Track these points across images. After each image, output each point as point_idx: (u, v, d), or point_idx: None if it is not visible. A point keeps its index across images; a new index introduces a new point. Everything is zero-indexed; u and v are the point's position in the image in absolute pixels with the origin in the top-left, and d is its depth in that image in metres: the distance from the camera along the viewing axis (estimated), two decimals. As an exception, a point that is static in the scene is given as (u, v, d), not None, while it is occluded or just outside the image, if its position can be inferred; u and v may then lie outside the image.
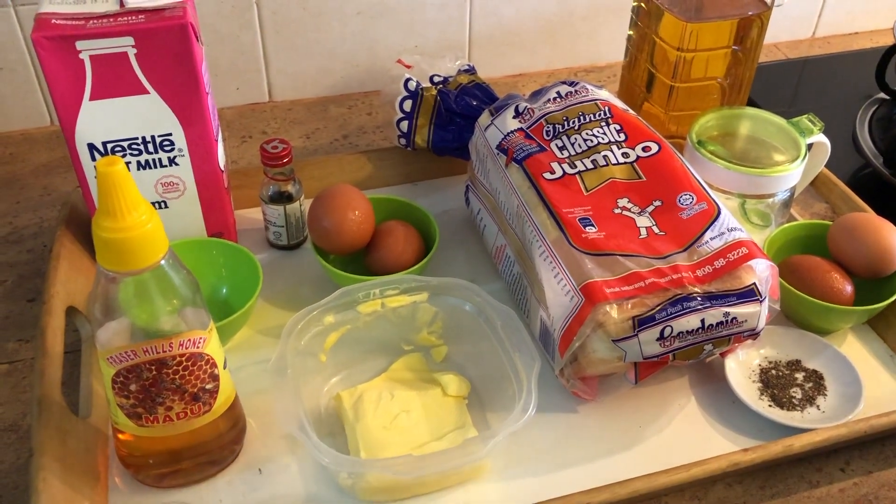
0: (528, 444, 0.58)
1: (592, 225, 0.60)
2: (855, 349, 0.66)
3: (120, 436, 0.54)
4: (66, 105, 0.60)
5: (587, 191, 0.63)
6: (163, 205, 0.67)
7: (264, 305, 0.68)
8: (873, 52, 0.97)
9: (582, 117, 0.67)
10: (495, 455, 0.57)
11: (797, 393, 0.62)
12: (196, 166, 0.66)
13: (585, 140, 0.65)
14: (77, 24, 0.57)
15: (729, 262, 0.57)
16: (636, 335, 0.55)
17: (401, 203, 0.73)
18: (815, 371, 0.64)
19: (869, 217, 0.69)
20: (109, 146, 0.63)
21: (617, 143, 0.65)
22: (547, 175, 0.63)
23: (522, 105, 0.69)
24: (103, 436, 0.58)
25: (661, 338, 0.56)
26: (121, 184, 0.43)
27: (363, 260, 0.70)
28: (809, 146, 0.72)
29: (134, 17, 0.58)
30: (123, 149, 0.63)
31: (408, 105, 0.77)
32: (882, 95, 0.94)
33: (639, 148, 0.65)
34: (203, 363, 0.51)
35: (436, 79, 0.79)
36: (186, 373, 0.50)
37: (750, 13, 0.75)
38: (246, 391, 0.59)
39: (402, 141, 0.79)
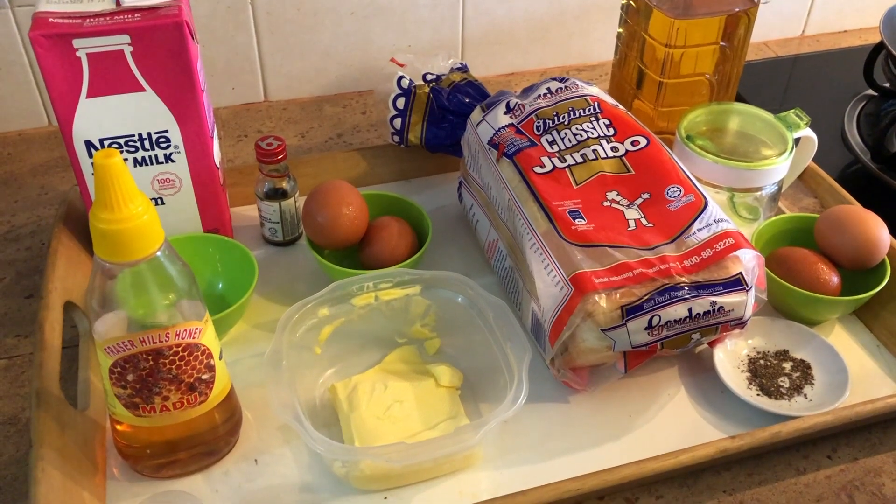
0: (520, 434, 0.59)
1: (582, 217, 0.61)
2: (842, 339, 0.67)
3: (118, 426, 0.55)
4: (63, 103, 0.61)
5: (577, 184, 0.64)
6: (159, 201, 0.68)
7: (260, 300, 0.69)
8: (861, 50, 0.98)
9: (572, 112, 0.68)
10: (487, 444, 0.58)
11: (785, 382, 0.63)
12: (192, 163, 0.67)
13: (575, 135, 0.66)
14: (74, 23, 0.58)
15: (716, 253, 0.58)
16: (625, 324, 0.56)
17: (394, 199, 0.74)
18: (802, 360, 0.65)
19: (855, 209, 0.70)
20: (106, 143, 0.63)
21: (606, 137, 0.66)
22: (537, 169, 0.64)
23: (513, 101, 0.70)
24: (101, 428, 0.58)
25: (650, 327, 0.57)
26: (118, 176, 0.44)
27: (358, 255, 0.70)
28: (797, 140, 0.73)
29: (130, 16, 0.59)
30: (120, 146, 0.64)
31: (401, 103, 0.78)
32: (870, 92, 0.95)
33: (627, 142, 0.66)
34: (199, 353, 0.52)
35: (428, 77, 0.80)
36: (183, 363, 0.51)
37: (737, 9, 0.76)
38: (242, 384, 0.60)
39: (396, 138, 0.80)
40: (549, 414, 0.61)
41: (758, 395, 0.62)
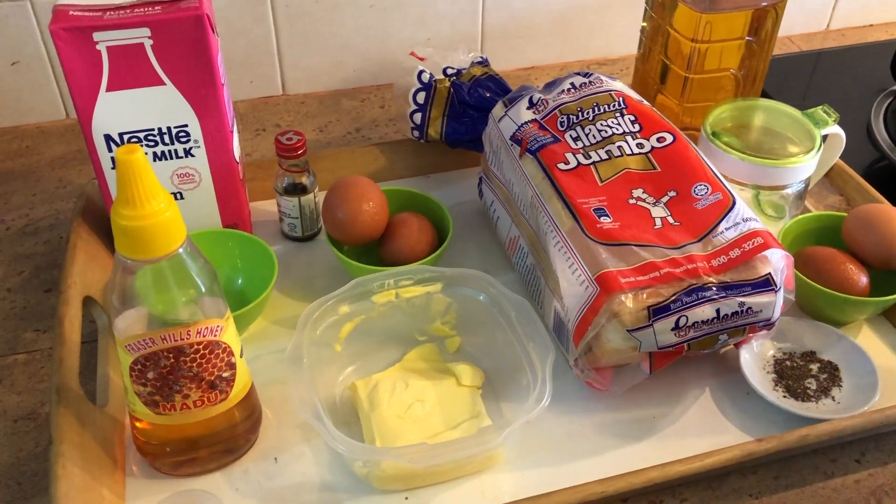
0: (543, 434, 0.59)
1: (607, 215, 0.60)
2: (870, 340, 0.66)
3: (137, 424, 0.54)
4: (82, 96, 0.60)
5: (602, 181, 0.63)
6: (179, 196, 0.67)
7: (279, 296, 0.68)
8: (888, 45, 0.97)
9: (596, 108, 0.67)
10: (510, 445, 0.57)
11: (812, 384, 0.62)
12: (211, 158, 0.66)
13: (600, 131, 0.65)
14: (94, 16, 0.58)
15: (744, 252, 0.57)
16: (651, 325, 0.55)
17: (414, 195, 0.73)
18: (829, 362, 0.63)
19: (884, 208, 0.68)
20: (126, 137, 0.63)
21: (631, 133, 0.65)
22: (561, 166, 0.63)
23: (536, 96, 0.69)
24: (120, 424, 0.58)
25: (676, 328, 0.56)
26: (140, 172, 0.44)
27: (377, 251, 0.70)
28: (824, 137, 0.72)
29: (150, 9, 0.59)
30: (140, 140, 0.63)
31: (421, 97, 0.77)
32: (897, 87, 0.94)
33: (653, 138, 0.65)
34: (220, 351, 0.51)
35: (449, 71, 0.79)
36: (203, 361, 0.51)
37: (764, 4, 0.75)
38: (262, 381, 0.59)
39: (416, 133, 0.79)
40: (571, 414, 0.60)
41: (784, 396, 0.61)
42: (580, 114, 0.67)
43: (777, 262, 0.58)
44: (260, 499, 0.55)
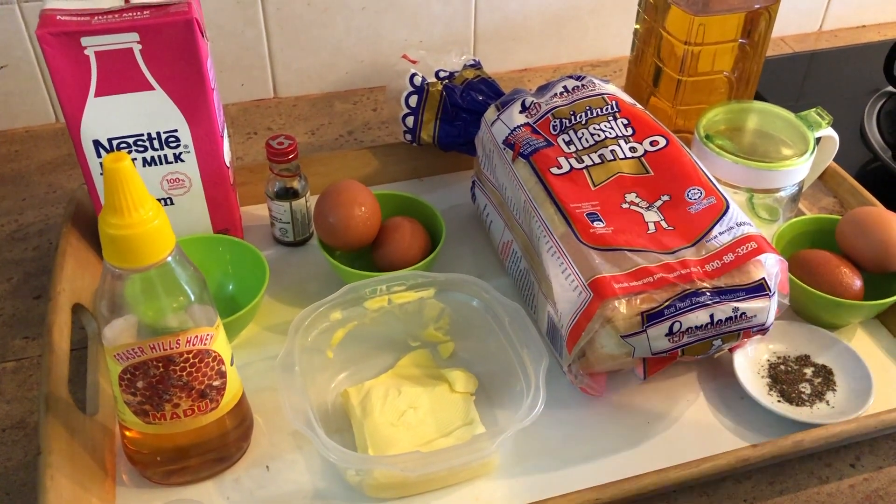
0: (537, 441, 0.58)
1: (600, 220, 0.59)
2: (864, 344, 0.66)
3: (127, 433, 0.54)
4: (71, 102, 0.60)
5: (595, 186, 0.62)
6: (169, 201, 0.67)
7: (271, 302, 0.68)
8: (881, 46, 0.97)
9: (589, 111, 0.66)
10: (503, 451, 0.57)
11: (806, 388, 0.62)
12: (202, 163, 0.65)
13: (593, 135, 0.65)
14: (82, 21, 0.57)
15: (738, 257, 0.57)
16: (645, 331, 0.55)
17: (407, 199, 0.73)
18: (824, 366, 0.63)
19: (878, 211, 0.68)
20: (115, 143, 0.62)
21: (624, 137, 0.65)
22: (554, 170, 0.63)
23: (529, 100, 0.69)
24: (111, 433, 0.58)
25: (670, 333, 0.55)
26: (127, 180, 0.43)
27: (370, 256, 0.69)
28: (818, 140, 0.71)
29: (139, 13, 0.58)
30: (129, 145, 0.63)
31: (413, 100, 0.77)
32: (890, 89, 0.94)
33: (646, 142, 0.65)
34: (210, 360, 0.51)
35: (441, 74, 0.78)
36: (194, 369, 0.50)
37: (757, 6, 0.75)
38: (253, 388, 0.59)
39: (408, 136, 0.79)
40: (565, 420, 0.60)
41: (778, 401, 0.61)
42: (573, 117, 0.66)
43: (771, 267, 0.57)
44: (252, 508, 0.55)
